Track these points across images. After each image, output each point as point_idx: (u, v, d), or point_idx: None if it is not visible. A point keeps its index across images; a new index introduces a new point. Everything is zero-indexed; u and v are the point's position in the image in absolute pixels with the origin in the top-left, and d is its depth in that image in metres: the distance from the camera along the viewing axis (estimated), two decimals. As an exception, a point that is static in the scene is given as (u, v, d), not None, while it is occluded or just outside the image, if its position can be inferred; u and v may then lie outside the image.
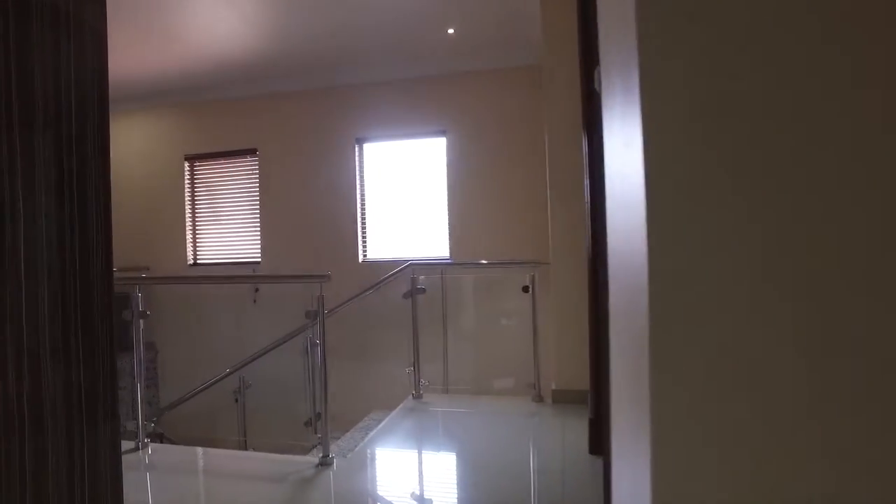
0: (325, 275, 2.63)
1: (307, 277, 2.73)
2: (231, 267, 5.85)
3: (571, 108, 3.60)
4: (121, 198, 6.46)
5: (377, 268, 5.30)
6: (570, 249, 3.57)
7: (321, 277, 2.63)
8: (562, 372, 3.65)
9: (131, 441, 3.11)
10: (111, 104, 5.09)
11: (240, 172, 5.89)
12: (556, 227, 3.65)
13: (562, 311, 3.62)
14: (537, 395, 3.74)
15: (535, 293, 3.80)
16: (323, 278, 2.63)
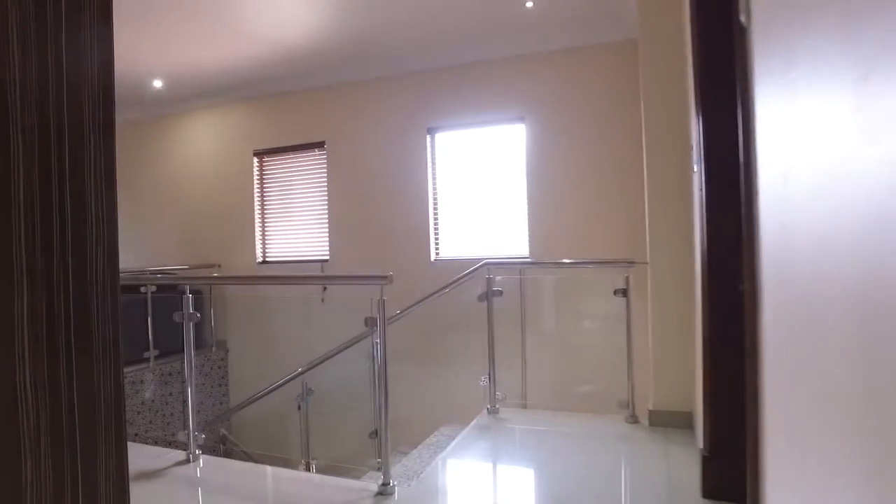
0: (386, 276, 2.26)
1: (365, 279, 2.38)
2: (299, 265, 5.66)
3: (675, 85, 3.07)
4: (193, 196, 6.46)
5: (450, 267, 4.93)
6: (674, 248, 3.04)
7: (381, 279, 2.27)
8: (661, 390, 3.12)
9: (182, 451, 2.89)
10: (182, 103, 4.94)
11: (308, 167, 5.69)
12: (655, 222, 3.13)
13: (663, 319, 3.09)
14: (631, 416, 3.23)
15: (630, 297, 3.29)
16: (383, 280, 2.27)
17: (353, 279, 2.45)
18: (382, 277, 2.27)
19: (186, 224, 6.30)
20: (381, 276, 2.27)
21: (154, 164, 6.53)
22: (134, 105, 6.34)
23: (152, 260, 6.48)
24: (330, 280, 3.29)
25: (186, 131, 6.32)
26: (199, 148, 6.23)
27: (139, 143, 6.63)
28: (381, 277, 2.28)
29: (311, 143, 5.60)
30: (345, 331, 4.82)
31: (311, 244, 5.68)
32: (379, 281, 2.28)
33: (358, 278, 2.41)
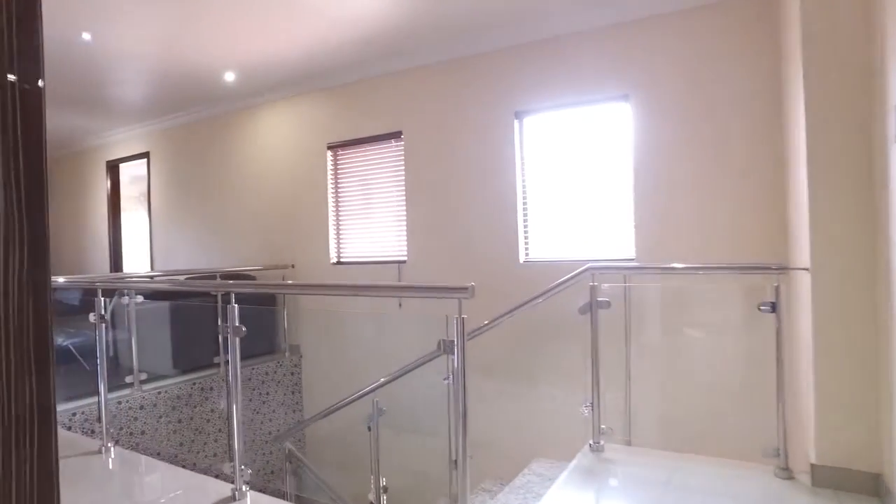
0: (466, 287, 1.70)
1: (440, 291, 1.82)
2: (375, 267, 5.22)
3: (857, 35, 2.30)
4: (266, 194, 6.17)
5: (542, 270, 4.31)
6: (851, 250, 2.28)
7: (460, 292, 1.71)
8: (828, 438, 2.36)
9: (228, 484, 2.47)
10: (253, 98, 4.45)
11: (384, 159, 5.23)
12: (821, 216, 2.37)
13: (832, 343, 2.33)
14: (783, 469, 2.49)
15: (782, 312, 2.54)
16: (462, 293, 1.71)
17: (424, 291, 1.89)
18: (461, 289, 1.71)
19: (260, 223, 6.05)
20: (460, 288, 1.71)
21: (226, 162, 6.33)
22: (205, 102, 6.16)
23: (226, 261, 6.29)
24: (396, 291, 2.76)
25: (258, 127, 6.06)
26: (272, 143, 5.95)
27: (211, 142, 6.46)
28: (459, 289, 1.72)
29: (387, 134, 5.14)
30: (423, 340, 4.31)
31: (387, 244, 5.23)
32: (457, 293, 1.72)
33: (430, 290, 1.86)
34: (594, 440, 2.88)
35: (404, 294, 3.52)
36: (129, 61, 4.90)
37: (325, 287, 3.08)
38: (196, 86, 5.59)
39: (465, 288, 1.71)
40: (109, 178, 7.68)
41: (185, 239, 6.80)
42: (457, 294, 1.73)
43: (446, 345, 1.79)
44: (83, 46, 4.54)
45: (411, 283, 3.29)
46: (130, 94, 5.92)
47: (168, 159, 6.97)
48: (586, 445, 2.90)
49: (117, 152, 7.54)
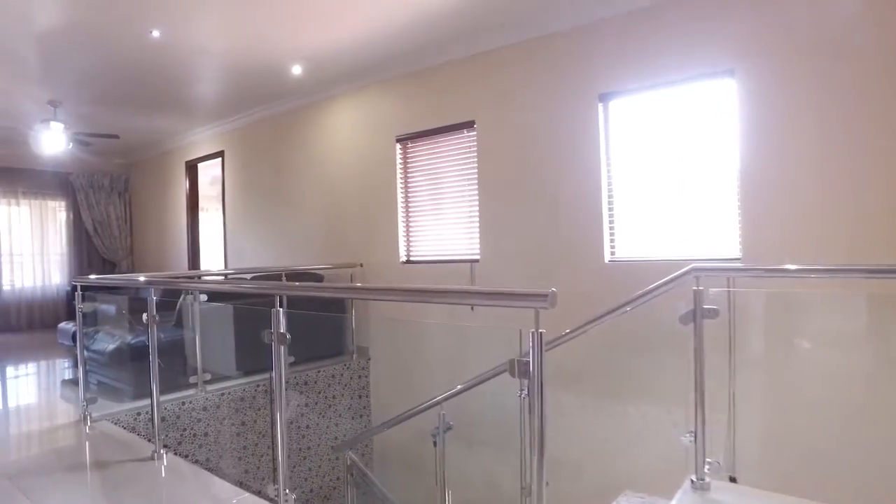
0: (545, 294, 1.32)
1: (513, 297, 1.44)
2: (445, 266, 4.90)
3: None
4: (333, 190, 5.95)
5: (630, 271, 3.83)
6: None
7: (537, 300, 1.34)
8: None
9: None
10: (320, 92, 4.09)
11: (455, 151, 4.90)
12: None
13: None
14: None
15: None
16: (541, 301, 1.33)
17: (493, 297, 1.52)
18: (538, 296, 1.33)
19: (329, 221, 5.88)
20: (537, 295, 1.34)
21: (295, 159, 6.22)
22: (274, 99, 6.07)
23: (295, 260, 6.18)
24: (460, 297, 2.36)
25: (326, 122, 5.90)
26: (340, 138, 5.76)
27: (280, 139, 6.37)
28: (535, 296, 1.34)
29: (458, 124, 4.81)
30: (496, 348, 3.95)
31: (459, 241, 4.90)
32: (533, 301, 1.35)
33: (501, 296, 1.48)
34: (697, 476, 2.41)
35: (470, 301, 3.10)
36: (198, 58, 4.83)
37: (382, 291, 2.76)
38: (264, 81, 5.49)
39: (542, 295, 1.33)
40: (188, 177, 7.81)
41: (256, 237, 6.78)
42: (533, 302, 1.35)
43: (520, 367, 1.41)
44: (154, 45, 4.49)
45: (479, 289, 2.88)
46: (204, 92, 5.92)
47: (240, 158, 6.98)
48: (687, 481, 2.43)
49: (195, 152, 7.66)
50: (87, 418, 3.60)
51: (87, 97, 5.88)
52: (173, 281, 4.08)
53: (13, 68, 5.06)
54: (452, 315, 4.55)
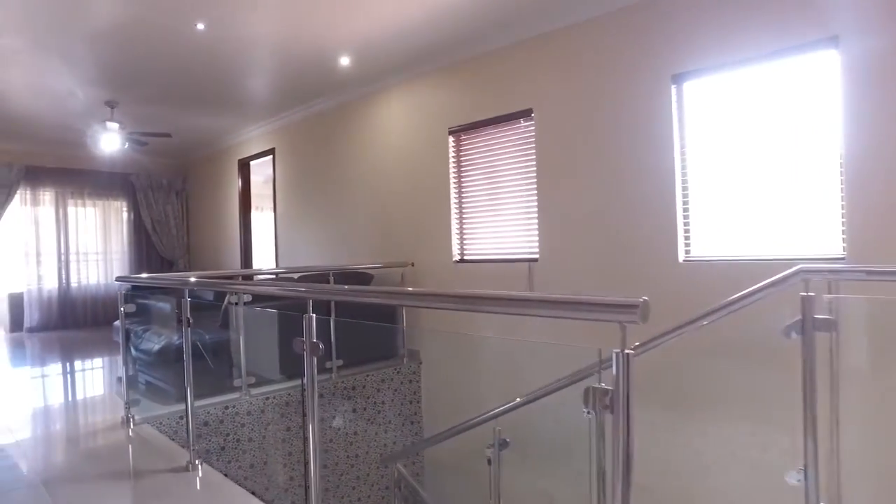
0: (633, 305, 0.99)
1: (592, 308, 1.10)
2: (501, 266, 4.58)
3: None
4: (384, 186, 5.69)
5: (708, 271, 3.41)
6: None
7: (623, 310, 1.01)
8: None
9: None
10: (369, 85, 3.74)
11: (511, 142, 4.57)
12: None
13: None
14: None
15: None
16: (629, 313, 1.00)
17: (568, 306, 1.17)
18: (626, 307, 1.01)
19: (379, 218, 5.65)
20: (624, 305, 1.01)
21: (344, 155, 6.03)
22: (322, 93, 5.89)
23: (346, 258, 5.99)
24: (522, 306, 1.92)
25: (375, 116, 5.67)
26: (390, 132, 5.53)
27: (329, 135, 6.20)
28: (622, 307, 1.01)
29: (514, 113, 4.48)
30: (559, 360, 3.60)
31: (516, 239, 4.57)
32: (620, 313, 1.02)
33: (576, 305, 1.14)
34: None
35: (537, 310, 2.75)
36: (245, 51, 4.69)
37: (431, 297, 2.43)
38: (312, 74, 5.31)
39: (630, 305, 1.00)
40: (240, 176, 7.79)
41: (306, 235, 6.64)
42: (619, 314, 1.02)
43: (597, 398, 1.09)
44: (200, 40, 4.38)
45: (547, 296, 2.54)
46: (253, 88, 5.82)
47: (289, 155, 6.87)
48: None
49: (247, 150, 7.63)
50: (130, 420, 3.49)
51: (141, 97, 5.88)
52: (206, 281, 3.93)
53: (75, 70, 5.08)
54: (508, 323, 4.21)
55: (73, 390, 5.21)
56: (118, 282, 3.45)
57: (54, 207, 8.28)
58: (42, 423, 3.81)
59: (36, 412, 4.10)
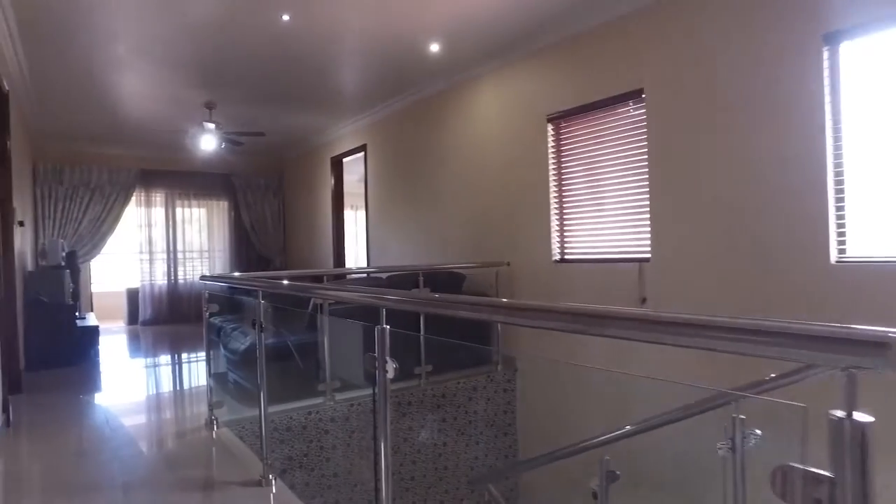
0: (880, 341, 0.56)
1: (813, 340, 0.67)
2: (607, 266, 4.10)
3: None
4: (477, 181, 5.35)
5: (869, 276, 2.77)
6: None
7: (860, 349, 0.58)
8: None
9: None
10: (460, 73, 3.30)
11: (618, 128, 4.07)
12: None
13: None
14: None
15: None
16: (865, 352, 0.58)
17: (748, 335, 0.71)
18: (867, 343, 0.58)
19: (473, 215, 5.32)
20: (865, 341, 0.58)
21: (435, 149, 5.75)
22: (411, 85, 5.64)
23: (438, 257, 5.71)
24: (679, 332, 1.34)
25: (467, 106, 5.34)
26: (482, 123, 5.17)
27: (418, 129, 5.94)
28: (861, 343, 0.59)
29: (622, 95, 3.98)
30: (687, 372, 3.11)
31: (624, 236, 4.07)
32: (852, 352, 0.60)
33: (774, 335, 0.70)
34: None
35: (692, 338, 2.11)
36: (332, 42, 4.52)
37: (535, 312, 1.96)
38: (401, 64, 5.07)
39: (876, 342, 0.58)
40: (333, 174, 7.76)
41: (396, 233, 6.44)
42: (848, 353, 0.60)
43: (798, 484, 0.67)
44: (287, 32, 4.26)
45: (710, 319, 1.90)
46: (342, 82, 5.69)
47: (381, 151, 6.70)
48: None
49: (339, 147, 7.57)
50: (214, 423, 3.38)
51: (236, 97, 5.93)
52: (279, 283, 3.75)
53: (178, 75, 5.19)
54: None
55: (173, 383, 5.31)
56: (202, 281, 3.34)
57: (164, 208, 8.70)
58: (137, 418, 3.82)
59: (135, 407, 4.16)
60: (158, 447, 3.19)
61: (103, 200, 7.91)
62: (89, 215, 7.80)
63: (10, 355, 4.17)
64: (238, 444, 3.11)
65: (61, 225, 7.61)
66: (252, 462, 2.82)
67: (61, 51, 4.54)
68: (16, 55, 4.49)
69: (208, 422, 3.40)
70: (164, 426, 3.73)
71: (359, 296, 1.86)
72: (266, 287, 2.52)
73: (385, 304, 1.57)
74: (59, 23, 4.01)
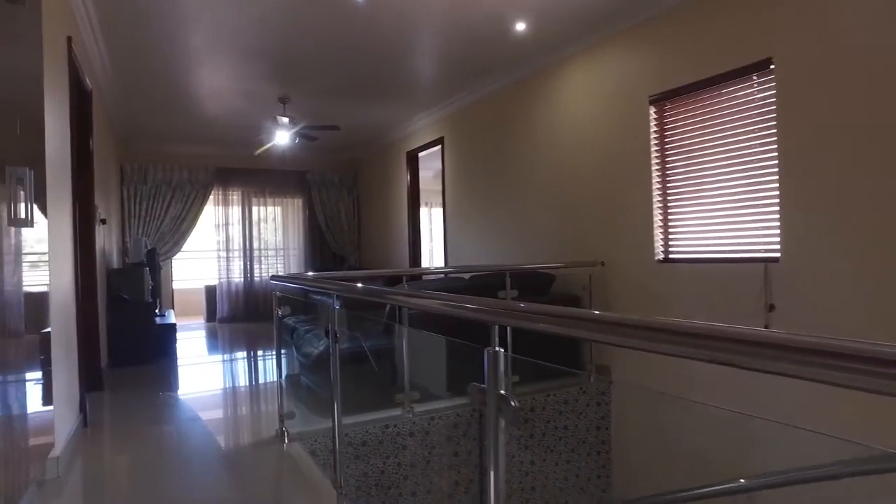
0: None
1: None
2: (723, 267, 3.55)
3: None
4: (566, 173, 4.70)
5: None
6: None
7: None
8: None
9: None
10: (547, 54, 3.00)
11: (737, 107, 3.51)
12: None
13: None
14: None
15: None
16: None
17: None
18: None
19: (563, 209, 4.86)
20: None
21: (518, 140, 5.32)
22: (493, 71, 5.23)
23: (523, 256, 5.29)
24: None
25: (555, 91, 4.88)
26: (572, 109, 4.70)
27: (502, 119, 5.53)
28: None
29: (742, 69, 3.41)
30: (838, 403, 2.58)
31: (744, 231, 3.51)
32: None
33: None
34: None
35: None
36: (408, 24, 4.20)
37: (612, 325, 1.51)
38: (483, 46, 4.67)
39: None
40: (409, 169, 7.48)
41: (476, 231, 6.06)
42: None
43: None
44: (362, 15, 3.97)
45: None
46: (420, 69, 5.36)
47: (459, 143, 6.34)
48: None
49: (415, 141, 7.28)
50: (284, 435, 3.12)
51: (310, 89, 5.75)
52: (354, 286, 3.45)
53: (251, 66, 5.04)
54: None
55: (248, 381, 5.18)
56: (272, 281, 3.09)
57: (240, 206, 8.74)
58: (208, 423, 3.64)
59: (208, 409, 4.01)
60: (227, 462, 2.96)
61: (183, 198, 8.00)
62: (171, 213, 7.91)
63: (89, 354, 4.12)
64: (307, 462, 2.83)
65: (145, 223, 7.75)
66: (324, 487, 2.51)
67: (140, 47, 4.46)
68: (98, 53, 4.45)
69: (279, 433, 3.15)
70: (235, 434, 3.53)
71: (445, 305, 1.49)
72: (340, 290, 2.20)
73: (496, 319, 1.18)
74: (138, 14, 3.90)
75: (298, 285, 2.82)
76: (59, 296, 2.86)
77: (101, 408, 4.00)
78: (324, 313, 4.61)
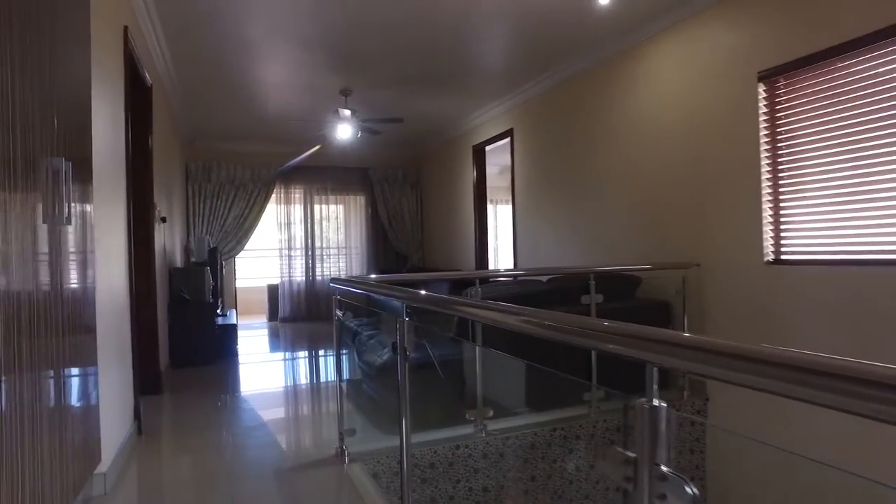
0: None
1: None
2: (849, 270, 2.99)
3: None
4: (654, 165, 4.14)
5: None
6: None
7: None
8: None
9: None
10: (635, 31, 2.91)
11: (871, 80, 2.94)
12: None
13: None
14: None
15: None
16: None
17: None
18: None
19: (646, 205, 4.37)
20: None
21: (597, 129, 4.84)
22: (570, 54, 4.77)
23: (601, 257, 4.82)
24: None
25: (641, 73, 4.38)
26: (662, 92, 4.20)
27: (579, 107, 5.07)
28: None
29: (875, 33, 2.85)
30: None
31: (880, 228, 2.94)
32: None
33: None
34: None
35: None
36: (476, 6, 3.82)
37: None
38: (558, 25, 4.23)
39: None
40: (475, 164, 7.11)
41: (551, 228, 5.62)
42: None
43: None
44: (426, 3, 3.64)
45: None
46: (487, 55, 4.97)
47: (530, 135, 5.91)
48: None
49: (481, 135, 6.91)
50: (345, 454, 2.82)
51: (372, 80, 5.47)
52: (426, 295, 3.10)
53: (311, 56, 4.81)
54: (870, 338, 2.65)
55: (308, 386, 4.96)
56: (332, 285, 2.79)
57: (302, 204, 8.62)
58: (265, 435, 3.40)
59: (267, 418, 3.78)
60: (282, 482, 2.68)
61: (246, 196, 7.94)
62: (234, 212, 7.86)
63: (147, 356, 3.98)
64: (366, 488, 2.50)
65: (209, 222, 7.73)
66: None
67: (200, 39, 4.30)
68: (158, 45, 4.31)
69: (338, 453, 2.85)
70: (293, 449, 3.26)
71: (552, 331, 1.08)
72: (408, 299, 1.86)
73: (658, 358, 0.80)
74: (195, 2, 3.71)
75: (360, 290, 2.49)
76: (107, 296, 2.65)
77: (158, 412, 3.86)
78: (387, 319, 4.32)
